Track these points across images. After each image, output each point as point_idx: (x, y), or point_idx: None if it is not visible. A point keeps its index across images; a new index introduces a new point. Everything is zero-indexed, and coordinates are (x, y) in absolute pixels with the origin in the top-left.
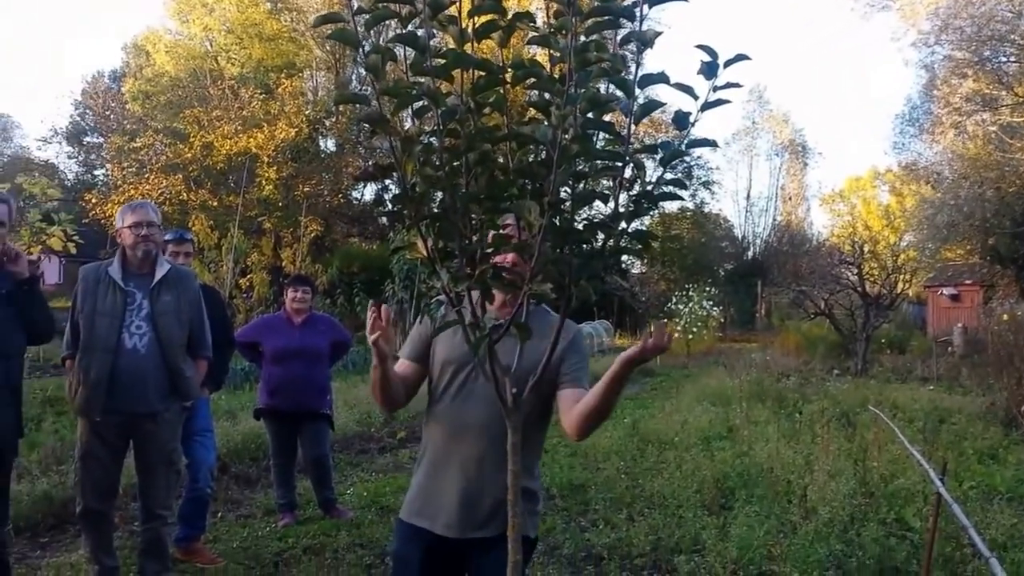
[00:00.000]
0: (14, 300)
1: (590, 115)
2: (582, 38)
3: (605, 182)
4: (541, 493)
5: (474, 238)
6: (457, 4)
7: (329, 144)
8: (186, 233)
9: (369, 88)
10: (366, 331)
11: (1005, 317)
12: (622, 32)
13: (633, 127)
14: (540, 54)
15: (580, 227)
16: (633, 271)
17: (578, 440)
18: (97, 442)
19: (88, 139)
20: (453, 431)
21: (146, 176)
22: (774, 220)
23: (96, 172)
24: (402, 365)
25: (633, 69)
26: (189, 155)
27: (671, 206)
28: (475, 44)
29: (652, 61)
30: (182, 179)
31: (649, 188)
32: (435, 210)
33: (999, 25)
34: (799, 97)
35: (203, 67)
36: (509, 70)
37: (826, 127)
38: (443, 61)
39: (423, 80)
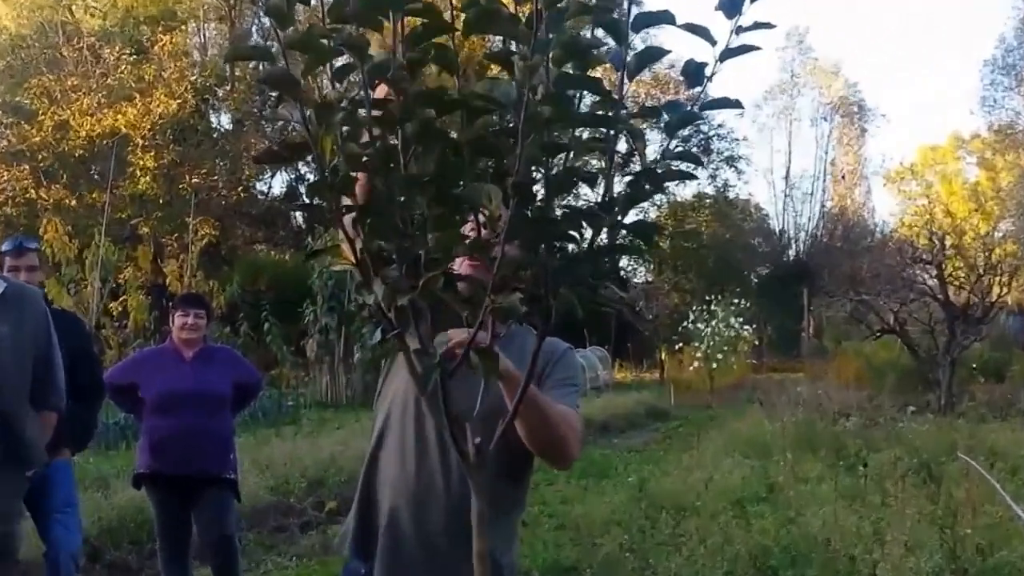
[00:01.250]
0: None
1: (567, 68)
2: None
3: (592, 160)
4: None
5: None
6: None
7: (224, 120)
8: (28, 241)
9: (273, 41)
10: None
11: None
12: None
13: (628, 84)
14: None
15: (558, 218)
16: (635, 280)
17: (562, 468)
18: None
19: None
20: (409, 495)
21: None
22: (823, 207)
23: None
24: None
25: (626, 5)
26: (38, 138)
27: (683, 191)
28: None
29: None
30: (29, 171)
31: (652, 166)
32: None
33: None
34: (852, 42)
35: (53, 20)
36: (459, 12)
37: (890, 80)
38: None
39: (344, 28)
